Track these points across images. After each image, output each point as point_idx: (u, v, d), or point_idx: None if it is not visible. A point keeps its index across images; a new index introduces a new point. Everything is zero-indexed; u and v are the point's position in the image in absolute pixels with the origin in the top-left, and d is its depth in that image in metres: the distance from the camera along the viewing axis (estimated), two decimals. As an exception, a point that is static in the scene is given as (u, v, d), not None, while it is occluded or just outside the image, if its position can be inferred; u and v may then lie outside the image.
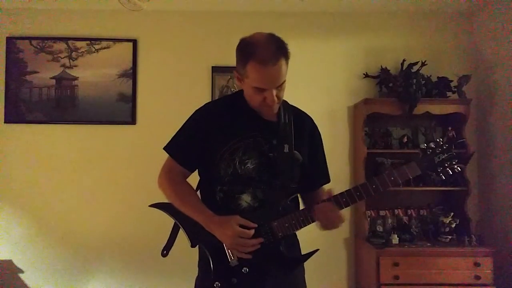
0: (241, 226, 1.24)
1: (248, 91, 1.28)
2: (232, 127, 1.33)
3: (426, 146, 1.26)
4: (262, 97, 1.25)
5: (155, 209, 1.39)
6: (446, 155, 1.24)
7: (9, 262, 3.08)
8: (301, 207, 1.42)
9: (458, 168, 1.24)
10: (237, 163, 1.30)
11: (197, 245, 1.35)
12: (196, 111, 1.41)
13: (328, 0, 3.09)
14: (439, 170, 1.24)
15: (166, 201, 1.37)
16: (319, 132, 1.47)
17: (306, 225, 1.29)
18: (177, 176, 1.36)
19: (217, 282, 1.28)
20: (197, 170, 1.43)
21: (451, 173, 1.24)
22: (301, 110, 1.47)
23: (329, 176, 1.49)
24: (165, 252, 1.35)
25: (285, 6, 3.16)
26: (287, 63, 1.24)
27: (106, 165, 3.16)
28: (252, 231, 1.25)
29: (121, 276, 3.12)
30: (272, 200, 1.30)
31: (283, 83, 1.25)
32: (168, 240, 1.37)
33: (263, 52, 1.18)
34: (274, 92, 1.24)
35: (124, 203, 3.13)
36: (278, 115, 1.36)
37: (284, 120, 1.36)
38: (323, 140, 1.48)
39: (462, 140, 2.87)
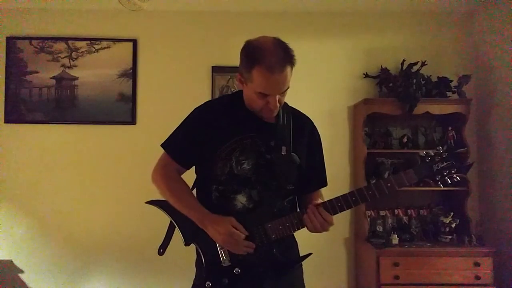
0: (234, 228, 1.25)
1: (250, 95, 1.27)
2: (230, 127, 1.32)
3: (425, 154, 1.25)
4: (265, 102, 1.24)
5: (154, 209, 1.38)
6: (445, 163, 1.23)
7: (9, 262, 3.08)
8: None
9: (457, 177, 1.23)
10: (234, 163, 1.30)
11: (192, 244, 1.35)
12: (195, 109, 1.41)
13: (328, 0, 3.09)
14: (437, 179, 1.23)
15: (162, 198, 1.37)
16: (318, 135, 1.46)
17: (300, 228, 1.28)
18: (172, 172, 1.36)
19: (208, 282, 1.28)
20: (194, 169, 1.42)
21: (449, 182, 1.23)
22: (300, 112, 1.46)
23: (326, 180, 1.47)
24: (161, 250, 1.35)
25: (285, 6, 3.16)
26: (292, 70, 1.23)
27: (106, 165, 3.16)
28: (245, 233, 1.25)
29: (122, 276, 3.12)
30: (268, 201, 1.29)
31: (286, 89, 1.25)
32: (164, 239, 1.36)
33: (271, 58, 1.17)
34: (277, 97, 1.24)
35: (124, 203, 3.13)
36: (277, 117, 1.35)
37: (282, 121, 1.35)
38: (323, 140, 1.47)
39: (463, 149, 2.85)
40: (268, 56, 1.17)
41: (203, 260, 1.31)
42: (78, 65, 3.17)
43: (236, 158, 1.30)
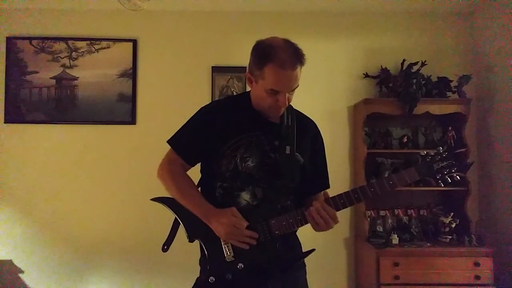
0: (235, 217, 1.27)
1: (259, 92, 1.29)
2: (235, 124, 1.35)
3: (426, 153, 1.29)
4: (274, 99, 1.27)
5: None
6: (445, 163, 1.26)
7: (9, 262, 3.08)
8: None
9: (457, 176, 1.26)
10: (238, 160, 1.32)
11: (196, 240, 1.35)
12: (201, 108, 1.43)
13: (328, 0, 3.09)
14: (437, 177, 1.26)
15: (166, 196, 1.38)
16: (322, 138, 1.48)
17: (304, 224, 1.29)
18: (177, 168, 1.38)
19: (211, 277, 1.29)
20: (199, 168, 1.44)
21: (450, 181, 1.26)
22: (305, 115, 1.48)
23: (328, 182, 1.49)
24: (165, 247, 1.36)
25: (285, 6, 3.16)
26: (301, 70, 1.26)
27: (106, 165, 3.15)
28: (246, 222, 1.26)
29: (122, 276, 3.12)
30: (271, 199, 1.31)
31: (296, 87, 1.28)
32: (168, 235, 1.37)
33: (283, 55, 1.21)
34: (286, 95, 1.26)
35: (124, 203, 3.13)
36: (281, 117, 1.38)
37: (287, 122, 1.38)
38: (323, 140, 1.49)
39: (463, 150, 2.86)
40: (280, 54, 1.21)
41: (206, 255, 1.32)
42: (78, 65, 3.17)
43: (241, 155, 1.32)
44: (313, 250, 1.34)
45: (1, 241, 3.10)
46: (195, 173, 1.44)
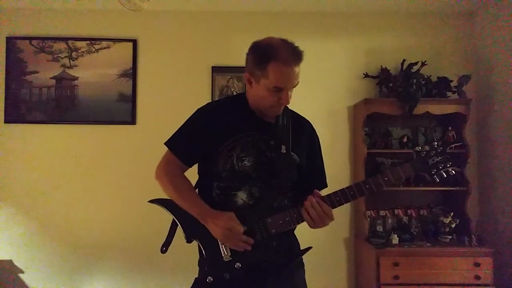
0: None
1: (261, 92, 1.30)
2: (232, 125, 1.36)
3: (420, 149, 1.29)
4: (277, 97, 1.28)
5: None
6: (440, 157, 1.26)
7: (9, 262, 3.08)
8: None
9: (453, 171, 1.26)
10: (235, 160, 1.32)
11: (194, 241, 1.36)
12: (198, 109, 1.44)
13: (329, 0, 3.09)
14: (432, 172, 1.27)
15: (164, 197, 1.39)
16: (318, 138, 1.49)
17: (300, 223, 1.30)
18: (175, 169, 1.39)
19: (209, 277, 1.29)
20: (196, 169, 1.44)
21: (445, 175, 1.25)
22: (300, 115, 1.49)
23: (326, 181, 1.49)
24: (164, 248, 1.37)
25: (285, 6, 3.16)
26: (300, 66, 1.28)
27: (106, 165, 3.15)
28: (242, 227, 1.27)
29: (121, 276, 3.12)
30: (268, 198, 1.32)
31: (296, 84, 1.30)
32: (167, 237, 1.38)
33: (285, 53, 1.24)
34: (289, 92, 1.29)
35: (124, 203, 3.13)
36: (277, 117, 1.39)
37: (282, 122, 1.39)
38: (323, 141, 1.50)
39: (459, 144, 2.86)
40: (282, 51, 1.24)
41: (204, 255, 1.32)
42: (78, 65, 3.17)
43: (237, 154, 1.33)
44: (310, 247, 1.35)
45: (1, 241, 3.10)
46: (193, 174, 1.44)
